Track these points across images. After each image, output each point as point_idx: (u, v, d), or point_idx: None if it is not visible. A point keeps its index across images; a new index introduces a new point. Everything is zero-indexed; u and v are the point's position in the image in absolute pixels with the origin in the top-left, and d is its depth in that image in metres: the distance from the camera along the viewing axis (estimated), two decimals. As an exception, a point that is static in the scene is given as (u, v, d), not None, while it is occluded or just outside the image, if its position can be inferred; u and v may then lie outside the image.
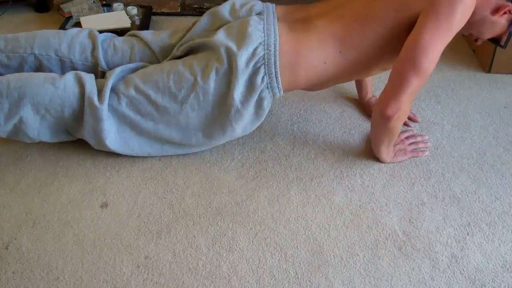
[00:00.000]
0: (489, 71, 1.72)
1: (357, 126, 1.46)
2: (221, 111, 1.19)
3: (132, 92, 1.18)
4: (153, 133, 1.23)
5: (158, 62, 1.30)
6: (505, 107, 1.56)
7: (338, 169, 1.29)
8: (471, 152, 1.37)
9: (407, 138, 1.37)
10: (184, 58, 1.23)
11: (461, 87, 1.65)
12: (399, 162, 1.32)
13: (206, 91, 1.16)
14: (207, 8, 2.03)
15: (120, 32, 1.75)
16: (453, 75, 1.70)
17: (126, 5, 1.88)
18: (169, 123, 1.21)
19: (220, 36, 1.17)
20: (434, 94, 1.60)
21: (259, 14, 1.24)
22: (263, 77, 1.16)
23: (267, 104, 1.20)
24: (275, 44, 1.15)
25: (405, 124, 1.45)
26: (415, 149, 1.35)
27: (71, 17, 1.83)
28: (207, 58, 1.17)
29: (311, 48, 1.17)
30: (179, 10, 2.06)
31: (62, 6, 1.94)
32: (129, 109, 1.20)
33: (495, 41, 1.26)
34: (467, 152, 1.36)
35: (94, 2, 1.89)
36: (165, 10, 2.05)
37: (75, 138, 1.28)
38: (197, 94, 1.17)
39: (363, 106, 1.52)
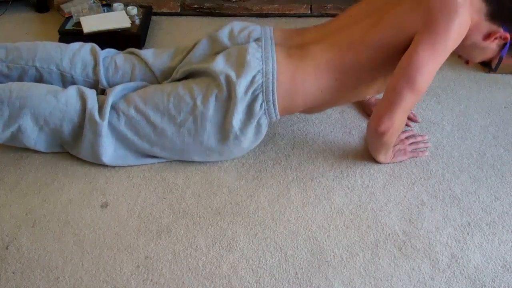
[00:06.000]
0: (489, 71, 1.72)
1: (357, 126, 1.45)
2: (218, 139, 1.20)
3: (132, 112, 1.19)
4: (148, 152, 1.25)
5: (158, 83, 1.31)
6: (505, 107, 1.55)
7: (338, 169, 1.29)
8: (471, 152, 1.37)
9: (407, 138, 1.37)
10: (184, 81, 1.24)
11: (461, 87, 1.65)
12: (399, 162, 1.32)
13: (205, 116, 1.17)
14: (207, 8, 2.03)
15: (120, 32, 1.75)
16: (453, 75, 1.70)
17: (126, 5, 1.87)
18: (164, 147, 1.22)
19: (220, 63, 1.18)
20: (434, 94, 1.60)
21: (257, 40, 1.24)
22: (261, 104, 1.17)
23: (264, 128, 1.22)
24: (273, 72, 1.16)
25: (405, 124, 1.45)
26: (415, 149, 1.35)
27: (71, 17, 1.83)
28: (207, 84, 1.18)
29: (307, 77, 1.18)
30: (179, 10, 2.05)
31: (62, 6, 1.93)
32: (127, 128, 1.20)
33: (486, 64, 1.26)
34: (467, 152, 1.36)
35: (94, 2, 1.88)
36: (165, 10, 2.05)
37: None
38: (195, 119, 1.18)
39: (363, 106, 1.52)
